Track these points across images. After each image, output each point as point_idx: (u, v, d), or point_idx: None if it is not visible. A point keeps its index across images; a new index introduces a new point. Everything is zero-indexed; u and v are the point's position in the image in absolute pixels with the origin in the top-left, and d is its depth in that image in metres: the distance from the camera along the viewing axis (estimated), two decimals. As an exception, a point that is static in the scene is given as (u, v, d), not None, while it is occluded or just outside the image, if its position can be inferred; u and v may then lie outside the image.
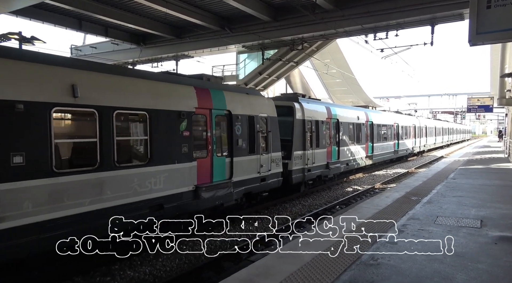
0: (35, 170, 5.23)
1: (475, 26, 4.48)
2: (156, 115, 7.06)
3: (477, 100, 32.44)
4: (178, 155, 7.55)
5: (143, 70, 9.16)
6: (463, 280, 4.06)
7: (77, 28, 22.36)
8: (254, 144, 9.88)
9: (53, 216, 5.43)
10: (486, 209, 7.51)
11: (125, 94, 6.63)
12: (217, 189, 8.57)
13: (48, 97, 5.43)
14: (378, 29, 19.33)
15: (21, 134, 5.11)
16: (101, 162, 6.08)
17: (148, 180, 6.86)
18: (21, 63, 5.31)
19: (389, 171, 21.27)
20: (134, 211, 6.53)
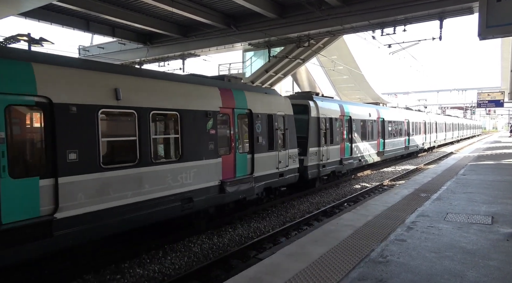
0: (86, 165, 5.85)
1: (485, 20, 4.40)
2: (186, 115, 7.65)
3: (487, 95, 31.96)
4: (205, 151, 8.11)
5: (174, 73, 9.79)
6: (474, 277, 4.00)
7: (84, 29, 22.58)
8: (273, 141, 10.39)
9: (102, 206, 6.04)
10: (497, 205, 7.40)
11: (160, 96, 7.19)
12: (240, 184, 9.11)
13: (96, 100, 6.04)
14: (386, 25, 19.13)
15: (75, 134, 5.74)
16: (140, 158, 6.68)
17: (180, 175, 7.46)
18: (72, 70, 5.93)
19: (397, 168, 21.10)
20: (168, 203, 7.16)
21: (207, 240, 8.11)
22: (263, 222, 9.66)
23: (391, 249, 4.93)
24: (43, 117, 5.48)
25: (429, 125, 30.37)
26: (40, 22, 20.31)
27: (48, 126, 5.49)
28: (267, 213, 10.54)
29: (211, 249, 7.63)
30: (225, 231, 8.76)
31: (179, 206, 7.43)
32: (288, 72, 27.11)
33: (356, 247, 5.04)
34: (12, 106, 5.17)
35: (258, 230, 8.97)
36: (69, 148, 5.63)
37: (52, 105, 5.48)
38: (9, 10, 16.11)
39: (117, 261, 6.79)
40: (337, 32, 21.49)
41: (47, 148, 5.49)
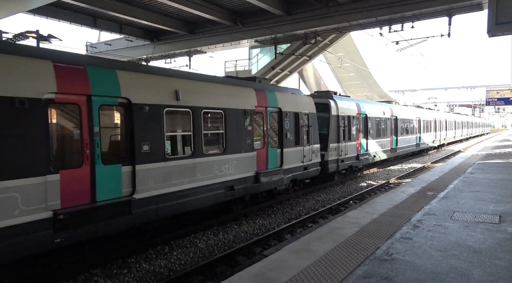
0: (155, 155, 6.95)
1: (494, 16, 4.34)
2: (229, 113, 8.74)
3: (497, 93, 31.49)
4: (244, 145, 9.18)
5: (219, 76, 10.61)
6: (480, 277, 3.98)
7: (92, 26, 22.71)
8: (298, 137, 11.42)
9: (165, 191, 7.15)
10: (505, 204, 7.32)
11: (209, 97, 8.25)
12: (272, 175, 10.17)
13: (162, 100, 7.14)
14: (393, 21, 18.94)
15: (147, 129, 6.85)
16: (194, 151, 7.80)
17: (224, 165, 8.59)
18: (144, 75, 7.07)
19: (404, 166, 20.96)
20: (215, 190, 8.33)
21: (213, 236, 8.16)
22: (268, 219, 9.68)
23: (397, 247, 4.92)
24: (124, 115, 6.61)
25: (439, 123, 31.09)
26: (48, 19, 20.49)
27: (128, 122, 6.62)
28: (272, 210, 10.56)
29: (216, 245, 7.67)
30: (231, 228, 8.80)
31: (223, 193, 8.57)
32: (295, 69, 27.01)
33: (361, 244, 5.03)
34: (103, 106, 6.27)
35: (264, 226, 9.00)
36: (143, 141, 6.78)
37: (131, 105, 6.60)
38: (18, 7, 16.27)
39: (124, 256, 6.87)
40: (344, 29, 21.34)
41: (127, 140, 6.63)
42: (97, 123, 6.09)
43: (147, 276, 6.16)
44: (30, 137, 5.24)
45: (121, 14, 19.95)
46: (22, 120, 5.16)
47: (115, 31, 24.35)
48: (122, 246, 7.42)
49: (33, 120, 5.27)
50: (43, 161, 5.35)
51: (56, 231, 5.46)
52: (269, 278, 4.01)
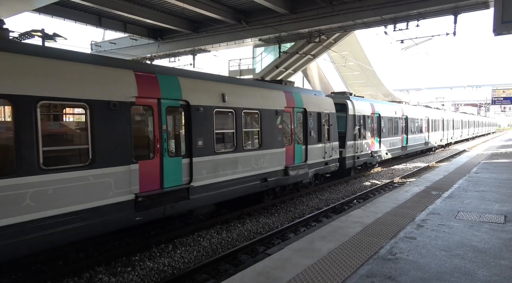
0: (207, 150, 8.06)
1: (500, 15, 4.30)
2: (264, 113, 9.76)
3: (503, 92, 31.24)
4: (275, 142, 10.23)
5: (255, 80, 11.62)
6: (484, 276, 3.96)
7: (97, 24, 22.82)
8: (320, 135, 12.46)
9: (214, 180, 8.28)
10: (511, 204, 7.27)
11: (247, 99, 9.32)
12: (298, 169, 11.20)
13: (212, 102, 8.24)
14: (398, 20, 18.83)
15: (201, 126, 7.94)
16: (236, 146, 8.88)
17: (260, 159, 9.67)
18: (198, 80, 8.16)
19: (408, 165, 20.86)
20: (252, 181, 9.41)
21: (216, 234, 8.18)
22: (272, 217, 9.69)
23: (401, 246, 4.90)
24: (184, 115, 7.71)
25: (446, 123, 31.87)
26: (53, 17, 20.61)
27: (186, 121, 7.70)
28: (276, 209, 10.57)
29: (220, 243, 7.69)
30: (234, 226, 8.82)
31: (258, 184, 9.66)
32: (299, 68, 26.98)
33: (365, 244, 5.03)
34: (169, 107, 7.36)
35: (267, 225, 9.01)
36: (198, 137, 7.87)
37: (189, 106, 7.68)
38: (23, 6, 16.39)
39: (128, 254, 6.91)
40: (348, 28, 21.26)
41: (186, 136, 7.72)
42: (165, 122, 7.24)
43: (151, 274, 6.19)
44: (120, 133, 6.40)
45: (125, 13, 20.03)
46: (115, 119, 6.33)
47: (119, 30, 24.46)
48: (126, 243, 7.46)
49: (121, 120, 6.43)
50: (129, 153, 6.54)
51: (137, 211, 6.62)
52: (272, 276, 4.02)
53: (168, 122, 7.34)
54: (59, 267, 6.25)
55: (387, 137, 18.97)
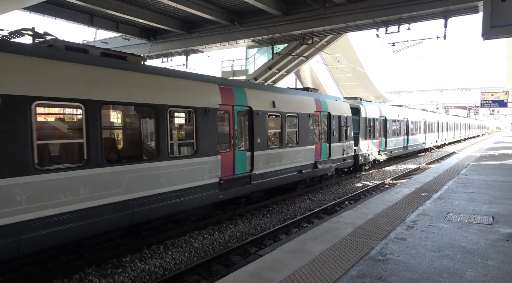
0: (263, 146, 10.15)
1: (489, 20, 4.39)
2: (301, 116, 11.85)
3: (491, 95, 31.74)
4: (308, 140, 12.30)
5: (293, 89, 13.42)
6: (472, 277, 4.03)
7: (88, 24, 22.60)
8: (340, 135, 14.51)
9: (267, 170, 10.33)
10: (498, 205, 7.40)
11: (290, 105, 11.44)
12: (324, 163, 13.34)
13: (267, 108, 10.36)
14: (390, 23, 19.04)
15: (259, 127, 9.99)
16: (281, 143, 10.97)
17: (297, 154, 11.74)
18: (257, 90, 10.38)
19: (399, 167, 21.07)
20: (291, 172, 11.49)
21: (208, 235, 8.16)
22: (264, 218, 9.70)
23: (391, 247, 4.96)
24: (248, 118, 9.83)
25: (441, 125, 34.39)
26: (44, 16, 20.36)
27: (250, 123, 9.79)
28: (268, 210, 10.59)
29: (211, 244, 7.68)
30: (226, 227, 8.81)
31: (296, 175, 11.74)
32: (291, 69, 27.06)
33: (356, 245, 5.07)
34: (239, 112, 9.46)
35: (259, 226, 9.01)
36: (258, 135, 9.93)
37: (252, 111, 9.80)
38: (14, 4, 16.16)
39: (119, 255, 6.86)
40: (341, 30, 21.42)
41: (249, 134, 9.83)
42: (236, 123, 9.34)
43: (141, 275, 6.15)
44: (211, 132, 8.44)
45: (118, 12, 19.88)
46: (209, 121, 8.36)
47: (111, 30, 24.26)
48: (117, 245, 7.40)
49: (212, 122, 8.45)
50: (215, 146, 8.57)
51: (220, 190, 8.69)
52: (264, 277, 4.03)
53: (238, 124, 9.47)
54: (48, 268, 6.17)
55: (392, 138, 21.21)
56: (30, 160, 5.24)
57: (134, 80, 6.84)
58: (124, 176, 6.53)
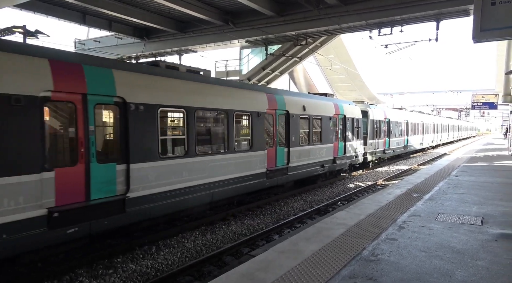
0: (296, 143, 12.08)
1: (479, 23, 4.45)
2: (324, 118, 13.94)
3: (482, 97, 32.14)
4: (329, 139, 14.47)
5: (317, 95, 15.64)
6: (462, 277, 4.08)
7: (81, 22, 22.39)
8: (353, 135, 16.66)
9: (299, 163, 12.41)
10: (488, 206, 7.50)
11: (315, 109, 13.38)
12: (341, 159, 15.59)
13: (298, 111, 12.27)
14: (383, 25, 19.20)
15: (294, 127, 11.91)
16: (308, 141, 13.04)
17: (320, 151, 13.85)
18: (292, 97, 12.33)
19: (391, 168, 21.25)
20: (316, 166, 13.65)
21: (201, 236, 8.14)
22: (256, 219, 9.70)
23: (382, 247, 4.99)
24: (285, 120, 11.67)
25: (437, 127, 36.82)
26: (35, 14, 20.10)
27: (287, 123, 11.65)
28: (261, 210, 10.59)
29: (204, 245, 7.66)
30: (219, 228, 8.79)
31: (319, 168, 13.89)
32: (285, 70, 27.11)
33: (348, 245, 5.10)
34: (279, 115, 11.40)
35: (252, 227, 9.01)
36: (292, 134, 11.85)
37: (288, 114, 11.69)
38: (4, 2, 15.94)
39: (110, 256, 6.80)
40: (334, 31, 21.53)
41: (286, 133, 11.67)
42: (278, 124, 11.29)
43: (133, 276, 6.11)
44: (260, 131, 10.34)
45: (111, 11, 19.72)
46: (260, 123, 10.32)
47: (104, 28, 24.05)
48: (108, 245, 7.34)
49: (261, 123, 10.43)
50: (263, 143, 10.49)
51: (267, 179, 10.67)
52: (256, 278, 4.03)
53: (279, 124, 11.33)
54: (38, 269, 6.10)
55: (394, 138, 23.50)
56: (158, 150, 7.21)
57: (210, 91, 8.75)
58: (207, 164, 8.50)
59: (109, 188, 6.45)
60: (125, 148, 6.77)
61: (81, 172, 5.99)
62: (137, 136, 6.90)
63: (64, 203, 5.74)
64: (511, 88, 18.90)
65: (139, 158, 6.92)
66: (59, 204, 5.67)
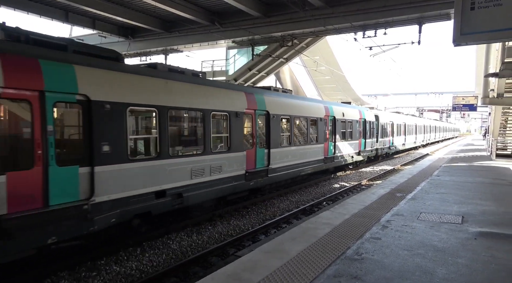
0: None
1: (459, 27, 4.57)
2: (353, 122, 18.14)
3: (462, 99, 33.04)
4: (356, 137, 19.07)
5: (347, 102, 20.62)
6: (443, 274, 4.18)
7: (63, 20, 21.86)
8: (370, 134, 21.37)
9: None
10: (467, 205, 7.72)
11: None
12: (363, 153, 20.45)
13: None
14: (367, 27, 19.48)
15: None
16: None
17: (351, 145, 18.29)
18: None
19: (375, 168, 21.59)
20: (342, 158, 17.32)
21: (186, 237, 8.08)
22: (242, 219, 9.70)
23: (366, 247, 5.07)
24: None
25: (427, 128, 42.90)
26: (16, 11, 19.54)
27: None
28: (247, 211, 10.59)
29: (190, 246, 7.61)
30: (205, 228, 8.75)
31: (344, 160, 17.56)
32: (271, 71, 27.18)
33: (333, 244, 5.16)
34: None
35: (238, 227, 9.01)
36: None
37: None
38: (-18, -3, 15.43)
39: (93, 258, 6.68)
40: (320, 33, 21.72)
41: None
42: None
43: (117, 279, 6.02)
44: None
45: (94, 9, 19.33)
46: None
47: (88, 27, 23.56)
48: (92, 248, 7.20)
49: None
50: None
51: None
52: (242, 278, 4.03)
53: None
54: (16, 272, 5.93)
55: (396, 137, 28.55)
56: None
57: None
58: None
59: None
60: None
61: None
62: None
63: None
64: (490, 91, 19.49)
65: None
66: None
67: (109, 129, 6.47)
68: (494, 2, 4.33)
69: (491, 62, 17.27)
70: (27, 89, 5.39)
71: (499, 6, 4.35)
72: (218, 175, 9.14)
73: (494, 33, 4.52)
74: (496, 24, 4.39)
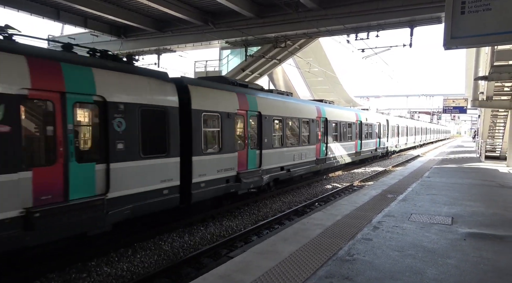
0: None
1: (449, 31, 4.65)
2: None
3: (452, 102, 33.43)
4: (373, 137, 23.99)
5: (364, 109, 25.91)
6: (433, 275, 4.23)
7: (54, 18, 21.60)
8: (383, 135, 25.86)
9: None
10: (457, 206, 7.82)
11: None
12: (379, 149, 25.40)
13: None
14: (360, 30, 19.64)
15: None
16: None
17: (370, 144, 23.38)
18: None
19: (367, 169, 21.75)
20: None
21: (178, 238, 8.05)
22: (235, 220, 9.69)
23: (358, 247, 5.11)
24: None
25: (423, 130, 47.16)
26: (5, 8, 19.26)
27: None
28: (240, 212, 10.59)
29: (182, 247, 7.58)
30: (197, 229, 8.72)
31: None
32: (265, 72, 27.22)
33: (324, 245, 5.18)
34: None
35: (230, 228, 9.00)
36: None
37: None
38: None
39: (84, 259, 6.61)
40: (313, 35, 21.82)
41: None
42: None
43: (108, 280, 5.97)
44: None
45: (86, 7, 19.15)
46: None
47: (79, 25, 23.32)
48: (82, 249, 7.13)
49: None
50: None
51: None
52: (234, 279, 4.03)
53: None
54: (4, 273, 5.84)
55: (400, 138, 32.82)
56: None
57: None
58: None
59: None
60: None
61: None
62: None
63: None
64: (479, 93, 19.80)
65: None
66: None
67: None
68: (484, 7, 4.40)
69: (481, 66, 17.55)
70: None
71: (488, 10, 4.43)
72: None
73: (483, 37, 4.61)
74: (485, 28, 4.47)
